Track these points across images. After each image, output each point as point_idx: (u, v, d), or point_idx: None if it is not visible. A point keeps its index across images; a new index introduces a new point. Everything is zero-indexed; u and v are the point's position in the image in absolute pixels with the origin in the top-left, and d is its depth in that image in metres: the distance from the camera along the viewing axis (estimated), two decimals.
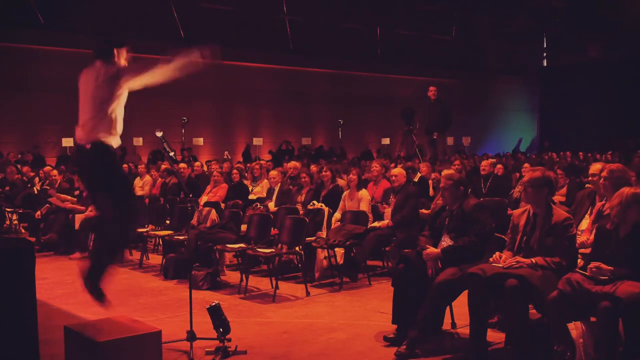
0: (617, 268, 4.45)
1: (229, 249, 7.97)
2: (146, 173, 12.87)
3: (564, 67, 29.10)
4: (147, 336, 4.82)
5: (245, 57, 22.08)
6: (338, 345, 5.62)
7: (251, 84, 22.45)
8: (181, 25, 20.73)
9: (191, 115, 19.75)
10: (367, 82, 24.85)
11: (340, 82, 24.31)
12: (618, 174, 5.38)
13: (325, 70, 24.04)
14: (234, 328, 5.38)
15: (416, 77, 24.27)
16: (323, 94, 24.12)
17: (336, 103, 24.01)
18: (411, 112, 15.07)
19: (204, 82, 21.30)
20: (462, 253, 5.38)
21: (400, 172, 8.39)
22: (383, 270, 8.71)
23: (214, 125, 22.35)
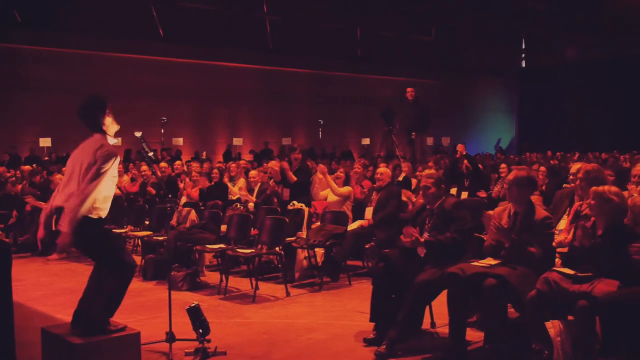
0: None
1: (209, 250, 7.95)
2: (124, 173, 12.77)
3: (541, 68, 29.37)
4: (126, 338, 4.79)
5: (225, 56, 22.04)
6: (318, 345, 5.61)
7: (231, 83, 22.39)
8: (160, 25, 20.62)
9: (171, 116, 19.62)
10: (347, 82, 24.91)
11: (320, 82, 24.33)
12: (594, 174, 5.44)
13: (305, 70, 24.05)
14: (214, 329, 5.36)
15: (396, 77, 24.35)
16: (303, 94, 24.13)
17: (316, 103, 24.03)
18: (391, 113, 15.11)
19: (184, 82, 21.25)
20: (443, 248, 5.41)
21: (386, 171, 8.44)
22: (363, 270, 8.72)
23: (194, 125, 22.26)
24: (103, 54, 19.31)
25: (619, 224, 4.65)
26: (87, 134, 4.90)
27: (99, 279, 4.86)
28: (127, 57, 19.97)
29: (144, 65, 20.48)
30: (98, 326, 4.73)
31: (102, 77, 18.30)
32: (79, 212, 4.56)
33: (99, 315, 4.75)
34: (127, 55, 19.97)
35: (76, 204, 4.55)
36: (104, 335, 4.70)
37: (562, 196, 6.17)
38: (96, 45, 19.04)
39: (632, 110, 24.72)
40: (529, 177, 5.27)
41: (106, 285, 4.81)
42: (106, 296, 4.79)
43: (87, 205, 4.60)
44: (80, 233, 4.64)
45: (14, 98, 18.34)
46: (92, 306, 4.78)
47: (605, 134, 24.43)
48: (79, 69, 19.08)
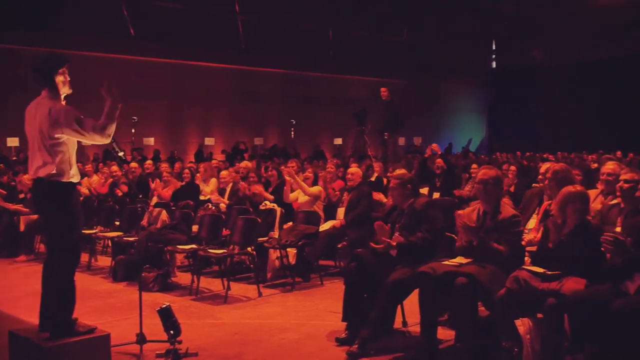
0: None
1: (180, 250, 7.90)
2: (94, 173, 12.63)
3: (512, 69, 29.70)
4: (96, 339, 4.74)
5: (197, 56, 21.91)
6: (290, 345, 5.61)
7: (203, 83, 22.27)
8: (132, 24, 20.42)
9: (142, 115, 19.47)
10: (319, 82, 24.92)
11: (292, 82, 24.30)
12: (562, 174, 5.51)
13: (277, 70, 24.00)
14: (185, 330, 5.32)
15: (368, 77, 24.42)
16: (275, 93, 24.08)
17: (289, 103, 24.00)
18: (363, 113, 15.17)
19: (155, 81, 21.07)
20: (415, 248, 5.43)
21: (357, 171, 8.47)
22: (335, 269, 8.74)
23: (165, 125, 22.09)
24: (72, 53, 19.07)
25: (587, 224, 4.72)
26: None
27: (48, 275, 4.78)
28: (98, 55, 19.71)
29: (114, 64, 20.24)
30: (67, 328, 4.66)
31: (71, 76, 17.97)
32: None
33: (58, 312, 4.68)
34: (97, 54, 19.72)
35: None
36: (73, 337, 4.65)
37: (531, 196, 6.24)
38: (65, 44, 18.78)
39: (600, 111, 25.11)
40: (498, 176, 5.33)
41: (55, 279, 4.73)
42: (58, 291, 4.72)
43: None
44: (49, 195, 4.61)
45: None
46: (49, 305, 4.72)
47: (574, 134, 24.79)
48: None
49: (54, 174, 4.61)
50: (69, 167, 4.71)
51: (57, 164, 4.62)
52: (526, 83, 28.01)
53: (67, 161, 4.70)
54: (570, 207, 4.73)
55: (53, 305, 4.70)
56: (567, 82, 26.37)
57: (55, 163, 4.62)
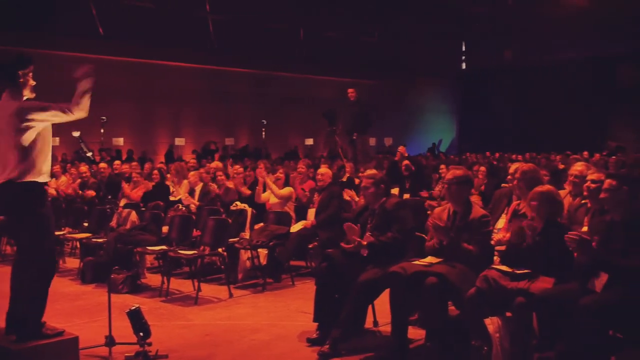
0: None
1: (150, 251, 7.84)
2: (62, 174, 12.45)
3: (481, 70, 29.99)
4: (64, 342, 4.69)
5: (167, 55, 21.73)
6: (261, 346, 5.60)
7: (173, 83, 22.10)
8: (100, 23, 20.18)
9: (111, 115, 19.26)
10: (290, 83, 24.89)
11: (263, 82, 24.24)
12: (531, 174, 5.57)
13: (248, 70, 23.92)
14: (155, 332, 5.27)
15: (339, 78, 24.46)
16: (246, 94, 23.99)
17: (260, 103, 23.94)
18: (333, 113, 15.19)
19: (125, 80, 20.84)
20: (385, 248, 5.46)
21: (327, 172, 8.48)
22: (306, 270, 8.74)
23: (135, 125, 21.88)
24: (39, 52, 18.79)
25: (556, 223, 4.79)
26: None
27: (19, 280, 4.70)
28: (65, 55, 19.43)
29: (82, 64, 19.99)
30: (34, 330, 4.59)
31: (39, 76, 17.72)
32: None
33: (27, 314, 4.60)
34: (65, 54, 19.44)
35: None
36: (41, 340, 4.58)
37: (500, 196, 6.29)
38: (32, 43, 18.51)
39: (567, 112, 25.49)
40: (467, 176, 5.38)
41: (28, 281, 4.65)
42: (30, 298, 4.64)
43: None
44: (19, 197, 4.54)
45: None
46: (18, 306, 4.64)
47: (543, 134, 25.12)
48: None
49: (25, 174, 4.53)
50: (42, 165, 4.63)
51: (28, 163, 4.54)
52: (496, 84, 28.32)
53: (40, 159, 4.62)
54: (541, 206, 4.79)
55: (23, 310, 4.63)
56: (536, 83, 26.71)
57: (28, 162, 4.54)
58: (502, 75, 28.11)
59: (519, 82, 27.19)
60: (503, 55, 29.32)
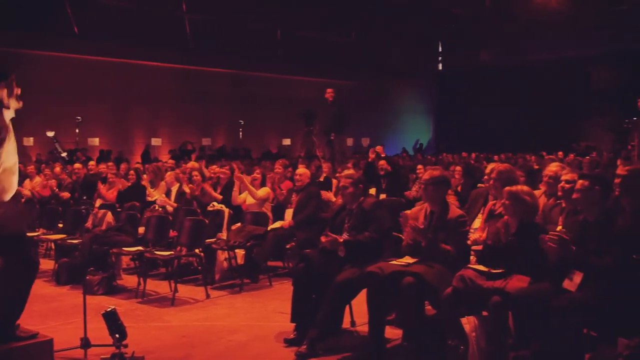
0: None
1: (126, 252, 7.78)
2: (36, 174, 12.32)
3: (458, 71, 30.18)
4: (38, 345, 4.63)
5: (143, 55, 21.58)
6: (238, 347, 5.58)
7: (149, 83, 21.94)
8: (76, 22, 19.97)
9: (86, 115, 19.09)
10: (268, 83, 24.84)
11: (241, 82, 24.17)
12: (506, 174, 5.63)
13: (225, 70, 23.84)
14: (131, 333, 5.23)
15: (317, 78, 24.47)
16: (223, 94, 23.91)
17: (237, 103, 23.87)
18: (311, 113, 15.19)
19: (100, 80, 20.66)
20: (362, 247, 5.47)
21: (305, 172, 8.48)
22: (284, 270, 8.73)
23: (111, 125, 21.70)
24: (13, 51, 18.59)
25: (530, 223, 4.84)
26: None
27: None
28: (40, 54, 19.25)
29: (57, 63, 19.78)
30: (7, 333, 4.53)
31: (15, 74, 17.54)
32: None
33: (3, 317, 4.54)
34: (40, 53, 19.25)
35: None
36: (14, 343, 4.52)
37: (476, 196, 6.33)
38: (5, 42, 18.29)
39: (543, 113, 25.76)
40: (443, 176, 5.42)
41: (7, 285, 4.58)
42: (8, 297, 4.58)
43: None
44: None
45: None
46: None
47: (519, 135, 25.35)
48: None
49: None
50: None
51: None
52: (472, 85, 28.49)
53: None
54: (518, 207, 4.83)
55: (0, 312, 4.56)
56: (512, 84, 26.93)
57: None
58: (479, 76, 28.30)
59: (495, 83, 27.39)
60: (479, 56, 29.54)
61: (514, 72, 27.05)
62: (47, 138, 5.41)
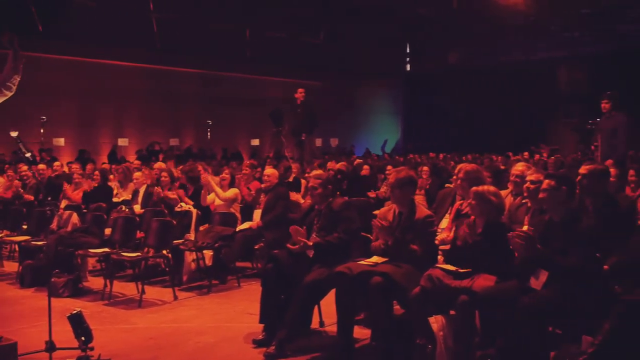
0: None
1: (92, 254, 7.68)
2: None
3: (425, 72, 30.40)
4: (2, 348, 4.57)
5: (110, 54, 21.31)
6: (207, 348, 5.55)
7: (116, 82, 21.67)
8: (39, 20, 19.65)
9: (51, 115, 18.80)
10: (236, 83, 24.74)
11: (209, 82, 24.03)
12: (474, 174, 5.69)
13: (193, 70, 23.68)
14: (98, 336, 5.16)
15: (285, 78, 24.45)
16: (191, 94, 23.75)
17: (205, 103, 23.72)
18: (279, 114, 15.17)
19: (66, 79, 20.37)
20: (331, 248, 5.47)
21: (273, 172, 8.46)
22: (252, 271, 8.71)
23: (76, 125, 21.40)
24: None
25: (497, 222, 4.89)
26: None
27: None
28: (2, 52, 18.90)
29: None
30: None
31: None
32: None
33: None
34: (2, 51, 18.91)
35: None
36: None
37: (444, 195, 6.40)
38: None
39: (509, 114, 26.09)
40: (409, 177, 5.44)
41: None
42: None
43: None
44: None
45: None
46: None
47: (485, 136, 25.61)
48: None
49: None
50: None
51: None
52: (440, 86, 28.71)
53: None
54: (484, 207, 4.88)
55: None
56: (480, 85, 27.18)
57: None
58: (447, 77, 28.54)
59: (463, 84, 27.63)
60: (447, 58, 29.79)
61: (482, 73, 27.32)
62: (11, 138, 5.30)
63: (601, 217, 4.75)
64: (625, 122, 8.53)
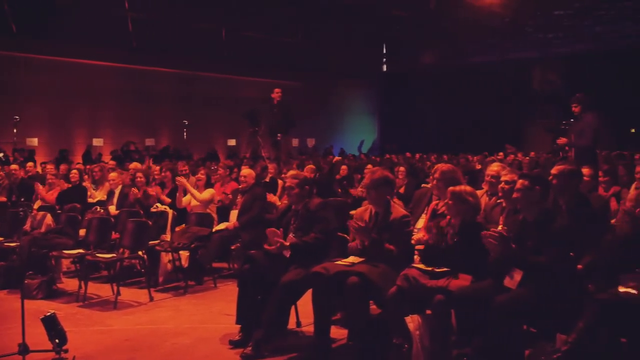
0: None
1: (66, 255, 7.60)
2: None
3: (401, 73, 30.53)
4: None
5: (85, 54, 21.09)
6: (183, 350, 5.52)
7: (91, 82, 21.46)
8: (12, 19, 19.39)
9: (24, 114, 18.55)
10: (213, 83, 24.63)
11: (185, 82, 23.89)
12: (450, 174, 5.72)
13: (170, 69, 23.52)
14: (72, 338, 5.12)
15: (262, 78, 24.39)
16: (167, 93, 23.59)
17: (181, 103, 23.57)
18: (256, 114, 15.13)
19: (40, 79, 20.13)
20: (308, 248, 5.47)
21: (250, 173, 8.43)
22: (229, 272, 8.68)
23: (50, 125, 21.15)
24: None
25: (473, 223, 4.93)
26: None
27: None
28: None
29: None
30: None
31: None
32: None
33: None
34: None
35: None
36: None
37: (420, 195, 6.43)
38: None
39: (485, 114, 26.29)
40: (385, 177, 5.45)
41: None
42: None
43: None
44: None
45: None
46: None
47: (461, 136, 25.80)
48: None
49: None
50: None
51: None
52: (416, 86, 28.85)
53: None
54: (461, 207, 4.91)
55: None
56: (455, 85, 27.36)
57: None
58: (423, 78, 28.69)
59: (439, 84, 27.80)
60: (424, 58, 29.94)
61: (458, 73, 27.52)
62: None
63: (574, 216, 4.81)
64: (591, 122, 8.63)
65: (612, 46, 25.73)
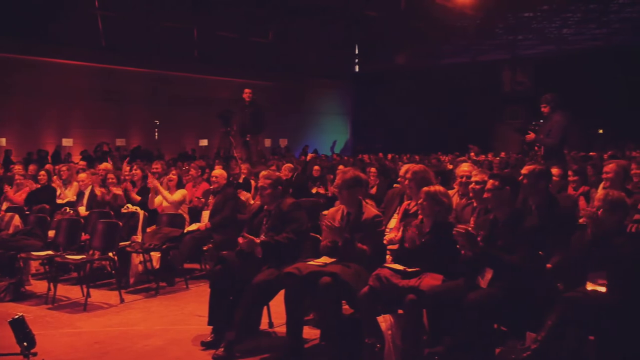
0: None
1: (35, 257, 7.48)
2: None
3: (373, 74, 30.65)
4: None
5: (53, 52, 20.81)
6: (154, 351, 5.48)
7: (60, 81, 21.18)
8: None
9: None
10: (184, 83, 24.47)
11: (157, 81, 23.71)
12: (421, 174, 5.76)
13: (140, 69, 23.32)
14: (41, 341, 5.03)
15: (234, 78, 24.32)
16: (139, 93, 23.39)
17: (152, 103, 23.41)
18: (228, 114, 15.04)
19: (7, 78, 19.82)
20: (280, 248, 5.47)
21: (221, 173, 8.40)
22: (201, 272, 8.62)
23: (19, 124, 20.83)
24: None
25: (444, 223, 4.97)
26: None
27: None
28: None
29: None
30: None
31: None
32: None
33: None
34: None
35: None
36: None
37: (392, 195, 6.45)
38: None
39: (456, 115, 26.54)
40: (356, 178, 5.46)
41: None
42: None
43: None
44: None
45: None
46: None
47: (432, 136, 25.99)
48: None
49: None
50: None
51: None
52: (388, 87, 28.99)
53: None
54: (434, 207, 4.95)
55: None
56: (427, 86, 27.56)
57: None
58: (395, 78, 28.85)
59: (411, 85, 27.98)
60: (396, 59, 30.10)
61: (429, 74, 27.73)
62: None
63: (544, 216, 4.88)
64: (559, 121, 8.73)
65: (579, 47, 26.16)
